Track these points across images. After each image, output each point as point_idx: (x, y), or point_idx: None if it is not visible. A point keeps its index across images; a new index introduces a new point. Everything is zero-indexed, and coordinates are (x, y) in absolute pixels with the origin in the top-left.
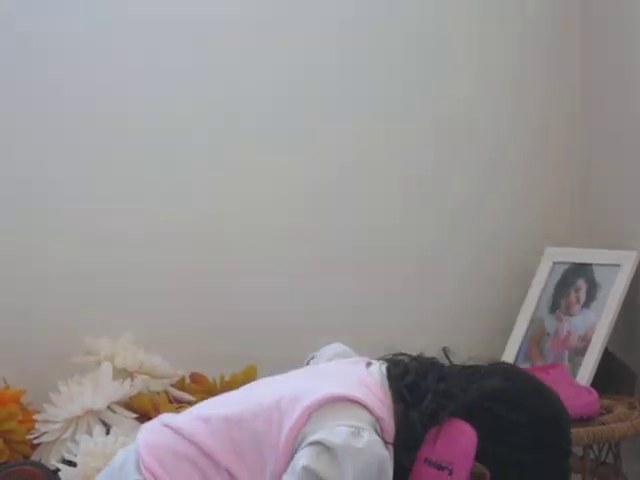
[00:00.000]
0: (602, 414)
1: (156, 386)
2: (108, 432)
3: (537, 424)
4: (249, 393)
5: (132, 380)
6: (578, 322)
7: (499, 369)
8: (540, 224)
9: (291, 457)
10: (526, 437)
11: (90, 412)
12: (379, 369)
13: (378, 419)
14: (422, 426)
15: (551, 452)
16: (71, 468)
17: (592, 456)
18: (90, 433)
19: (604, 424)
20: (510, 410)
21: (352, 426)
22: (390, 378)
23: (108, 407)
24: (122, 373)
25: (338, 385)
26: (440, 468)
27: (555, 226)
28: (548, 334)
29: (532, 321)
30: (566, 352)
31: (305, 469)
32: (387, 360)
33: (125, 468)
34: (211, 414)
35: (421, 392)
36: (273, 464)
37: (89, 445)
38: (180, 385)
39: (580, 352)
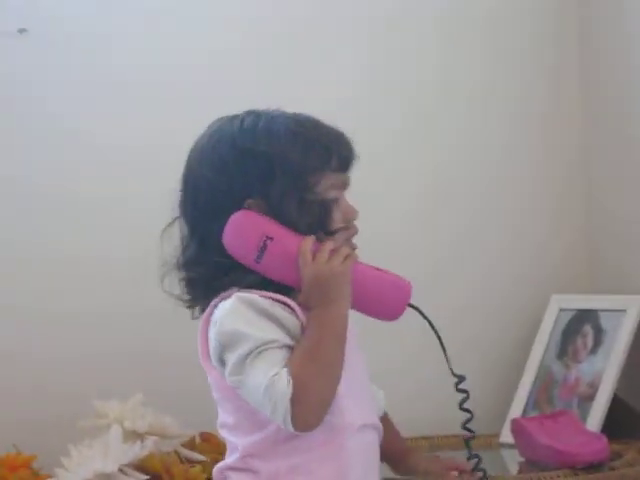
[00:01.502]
0: (612, 460)
1: (166, 446)
2: None
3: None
4: None
5: (142, 442)
6: (586, 368)
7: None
8: (545, 272)
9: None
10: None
11: (101, 475)
12: None
13: None
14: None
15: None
16: None
17: None
18: None
19: (614, 469)
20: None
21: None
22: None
23: (119, 469)
24: (132, 435)
25: None
26: (261, 250)
27: (560, 273)
28: (556, 381)
29: (540, 369)
30: (575, 399)
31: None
32: None
33: None
34: None
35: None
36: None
37: None
38: (191, 445)
39: (589, 398)
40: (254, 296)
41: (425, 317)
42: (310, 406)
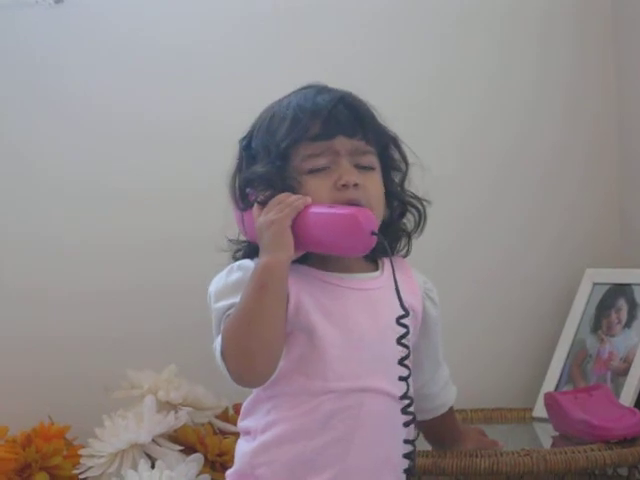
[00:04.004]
0: None
1: (200, 418)
2: (153, 465)
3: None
4: None
5: (176, 412)
6: (620, 343)
7: None
8: (579, 246)
9: None
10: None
11: (135, 446)
12: None
13: None
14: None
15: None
16: None
17: (638, 476)
18: (135, 467)
19: None
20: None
21: None
22: None
23: (153, 440)
24: (166, 406)
25: None
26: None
27: (595, 247)
28: (590, 355)
29: (574, 342)
30: (609, 373)
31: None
32: None
33: None
34: None
35: None
36: None
37: None
38: (224, 416)
39: (623, 372)
40: (243, 261)
41: (385, 246)
42: (233, 357)
